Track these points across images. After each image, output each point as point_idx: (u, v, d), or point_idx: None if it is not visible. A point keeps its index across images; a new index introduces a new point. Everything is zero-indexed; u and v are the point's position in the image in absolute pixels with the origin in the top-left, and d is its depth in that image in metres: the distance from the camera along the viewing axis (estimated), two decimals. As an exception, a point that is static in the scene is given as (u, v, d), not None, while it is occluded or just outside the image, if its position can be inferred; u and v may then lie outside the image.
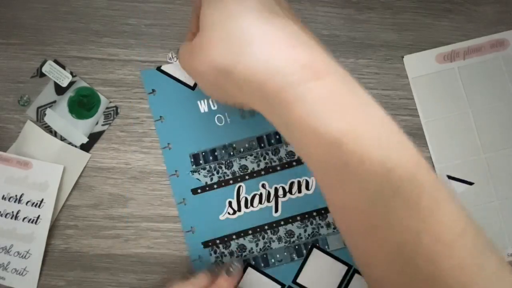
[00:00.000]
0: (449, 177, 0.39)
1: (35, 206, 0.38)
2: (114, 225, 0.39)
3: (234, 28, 0.25)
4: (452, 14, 0.40)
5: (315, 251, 0.38)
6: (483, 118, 0.40)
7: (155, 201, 0.39)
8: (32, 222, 0.38)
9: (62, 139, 0.39)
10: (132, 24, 0.40)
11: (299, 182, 0.39)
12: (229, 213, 0.39)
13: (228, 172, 0.39)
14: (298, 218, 0.39)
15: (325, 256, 0.38)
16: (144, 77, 0.39)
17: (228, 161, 0.39)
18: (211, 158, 0.39)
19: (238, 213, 0.39)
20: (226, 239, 0.38)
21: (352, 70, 0.40)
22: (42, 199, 0.38)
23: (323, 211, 0.39)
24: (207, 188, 0.39)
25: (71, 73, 0.40)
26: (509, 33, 0.40)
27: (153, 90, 0.39)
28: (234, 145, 0.39)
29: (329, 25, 0.40)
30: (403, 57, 0.40)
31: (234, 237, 0.38)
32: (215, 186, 0.39)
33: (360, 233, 0.25)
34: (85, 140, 0.39)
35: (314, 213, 0.39)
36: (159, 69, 0.40)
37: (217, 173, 0.39)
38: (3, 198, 0.38)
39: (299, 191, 0.39)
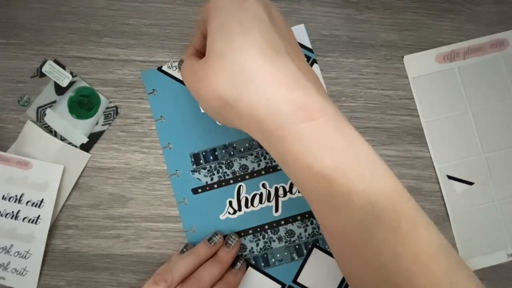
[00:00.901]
0: (449, 177, 0.39)
1: (35, 206, 0.38)
2: (114, 225, 0.39)
3: (238, 62, 0.26)
4: (452, 14, 0.40)
5: (315, 251, 0.38)
6: (483, 118, 0.40)
7: (155, 201, 0.39)
8: (32, 222, 0.38)
9: (62, 139, 0.39)
10: (132, 24, 0.40)
11: None
12: (229, 213, 0.39)
13: (228, 171, 0.39)
14: (299, 217, 0.39)
15: (325, 255, 0.38)
16: (144, 77, 0.39)
17: (228, 161, 0.39)
18: (211, 157, 0.39)
19: (238, 213, 0.39)
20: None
21: (352, 70, 0.40)
22: (42, 199, 0.38)
23: None
24: (208, 188, 0.39)
25: (71, 73, 0.40)
26: (509, 33, 0.40)
27: (154, 90, 0.39)
28: (234, 144, 0.39)
29: (329, 25, 0.40)
30: (403, 57, 0.40)
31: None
32: (216, 186, 0.39)
33: (347, 255, 0.28)
34: (85, 140, 0.39)
35: None
36: (159, 69, 0.40)
37: (218, 172, 0.39)
38: (3, 198, 0.38)
39: (299, 191, 0.39)
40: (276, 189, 0.39)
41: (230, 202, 0.39)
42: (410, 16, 0.40)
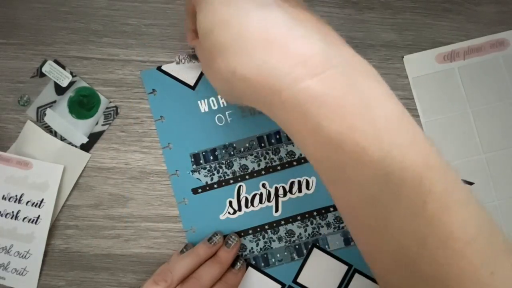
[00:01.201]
0: (449, 177, 0.39)
1: (35, 206, 0.38)
2: (114, 225, 0.39)
3: (226, 29, 0.24)
4: (452, 14, 0.40)
5: (315, 251, 0.38)
6: (483, 118, 0.40)
7: (155, 201, 0.39)
8: (32, 222, 0.38)
9: (62, 139, 0.39)
10: (132, 24, 0.40)
11: (299, 181, 0.39)
12: (229, 213, 0.39)
13: (228, 171, 0.39)
14: (299, 217, 0.39)
15: (326, 255, 0.38)
16: (144, 77, 0.39)
17: (228, 161, 0.39)
18: (211, 157, 0.39)
19: (238, 213, 0.39)
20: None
21: (352, 70, 0.40)
22: (42, 199, 0.38)
23: (323, 211, 0.39)
24: (208, 188, 0.39)
25: (71, 73, 0.40)
26: (509, 33, 0.40)
27: (153, 90, 0.39)
28: (234, 144, 0.39)
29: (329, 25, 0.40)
30: (403, 57, 0.40)
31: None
32: (216, 186, 0.39)
33: (360, 235, 0.25)
34: (85, 140, 0.39)
35: (315, 213, 0.39)
36: (159, 68, 0.40)
37: (218, 172, 0.39)
38: (3, 198, 0.38)
39: (300, 190, 0.39)
40: (276, 189, 0.39)
41: (230, 202, 0.39)
42: (410, 16, 0.40)
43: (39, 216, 0.38)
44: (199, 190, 0.39)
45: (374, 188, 0.22)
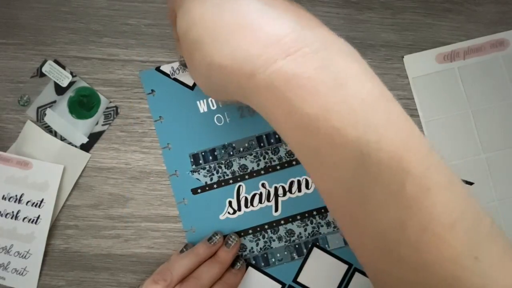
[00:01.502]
0: (449, 177, 0.39)
1: (35, 206, 0.38)
2: (114, 225, 0.39)
3: (198, 20, 0.24)
4: (452, 14, 0.40)
5: (315, 250, 0.38)
6: (483, 118, 0.40)
7: (155, 201, 0.39)
8: (32, 222, 0.38)
9: (62, 139, 0.39)
10: (132, 24, 0.40)
11: (299, 181, 0.39)
12: (229, 213, 0.39)
13: (228, 171, 0.39)
14: (298, 217, 0.39)
15: (325, 255, 0.38)
16: (143, 78, 0.39)
17: (227, 161, 0.39)
18: (210, 158, 0.39)
19: (238, 213, 0.39)
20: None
21: (352, 70, 0.40)
22: (42, 199, 0.38)
23: (323, 210, 0.39)
24: (207, 188, 0.39)
25: (71, 73, 0.40)
26: (509, 33, 0.40)
27: (152, 91, 0.39)
28: (233, 144, 0.39)
29: (329, 25, 0.40)
30: (403, 57, 0.40)
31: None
32: (215, 186, 0.39)
33: (340, 217, 0.24)
34: (85, 140, 0.39)
35: (314, 212, 0.39)
36: (157, 69, 0.40)
37: (217, 172, 0.39)
38: (3, 198, 0.38)
39: (299, 190, 0.39)
40: (276, 189, 0.39)
41: (230, 202, 0.39)
42: (410, 16, 0.40)
43: (39, 216, 0.38)
44: (199, 190, 0.39)
45: (349, 171, 0.21)
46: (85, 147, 0.39)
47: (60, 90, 0.40)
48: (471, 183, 0.39)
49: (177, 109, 0.39)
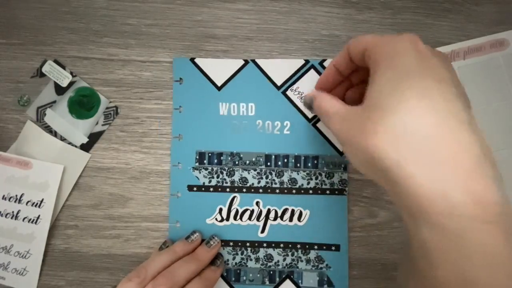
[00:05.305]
0: (449, 177, 0.39)
1: (35, 206, 0.38)
2: (114, 225, 0.39)
3: (409, 126, 0.22)
4: (452, 14, 0.40)
5: (287, 282, 0.38)
6: (483, 118, 0.40)
7: (155, 201, 0.39)
8: (32, 222, 0.38)
9: (62, 139, 0.39)
10: (132, 24, 0.40)
11: (293, 210, 0.38)
12: (216, 219, 0.39)
13: (227, 179, 0.39)
14: (282, 245, 0.38)
15: None
16: (175, 64, 0.39)
17: (231, 169, 0.39)
18: (215, 161, 0.39)
19: (225, 222, 0.39)
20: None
21: (352, 70, 0.40)
22: (42, 199, 0.38)
23: (307, 246, 0.38)
24: (203, 189, 0.39)
25: (71, 73, 0.40)
26: (509, 33, 0.40)
27: (180, 79, 0.39)
28: (241, 155, 0.39)
29: (329, 25, 0.40)
30: (403, 57, 0.40)
31: None
32: (211, 189, 0.39)
33: None
34: (85, 140, 0.39)
35: (298, 246, 0.38)
36: (192, 60, 0.40)
37: (217, 177, 0.39)
38: (3, 198, 0.38)
39: (291, 219, 0.38)
40: (268, 211, 0.38)
41: (220, 210, 0.39)
42: (410, 16, 0.40)
43: (39, 216, 0.38)
44: (195, 189, 0.39)
45: None
46: (85, 147, 0.39)
47: (60, 90, 0.40)
48: (471, 183, 0.39)
49: (199, 104, 0.39)
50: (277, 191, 0.39)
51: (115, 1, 0.40)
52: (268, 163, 0.39)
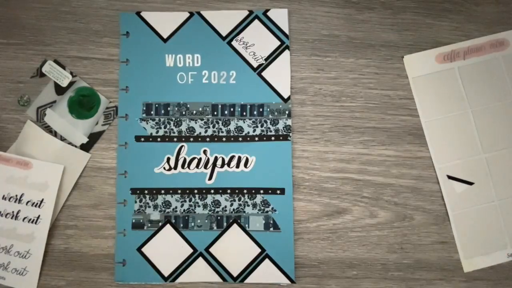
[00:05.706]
0: (449, 177, 0.39)
1: (35, 206, 0.38)
2: (114, 225, 0.39)
3: None
4: (452, 14, 0.40)
5: (234, 227, 0.39)
6: (483, 118, 0.40)
7: (155, 201, 0.39)
8: (32, 222, 0.38)
9: (62, 139, 0.39)
10: (132, 24, 0.40)
11: (239, 157, 0.39)
12: (164, 168, 0.39)
13: (175, 129, 0.39)
14: (228, 191, 0.39)
15: (243, 234, 0.38)
16: (122, 19, 0.40)
17: (178, 119, 0.39)
18: (162, 111, 0.39)
19: (173, 171, 0.39)
20: (154, 191, 0.38)
21: (352, 70, 0.40)
22: (42, 199, 0.38)
23: (253, 191, 0.39)
24: (151, 139, 0.39)
25: (71, 73, 0.40)
26: (509, 33, 0.40)
27: (127, 33, 0.40)
28: (188, 105, 0.39)
29: (329, 25, 0.40)
30: (403, 57, 0.40)
31: (162, 192, 0.39)
32: (159, 139, 0.39)
33: None
34: (85, 140, 0.39)
35: (245, 191, 0.39)
36: (138, 13, 0.40)
37: (165, 127, 0.39)
38: (3, 198, 0.38)
39: (237, 166, 0.39)
40: (216, 159, 0.39)
41: (168, 159, 0.39)
42: (410, 16, 0.40)
43: (39, 216, 0.38)
44: (142, 139, 0.39)
45: None
46: (85, 147, 0.39)
47: (60, 90, 0.40)
48: (471, 183, 0.39)
49: (145, 56, 0.40)
50: (224, 139, 0.39)
51: (115, 1, 0.40)
52: (215, 113, 0.39)
